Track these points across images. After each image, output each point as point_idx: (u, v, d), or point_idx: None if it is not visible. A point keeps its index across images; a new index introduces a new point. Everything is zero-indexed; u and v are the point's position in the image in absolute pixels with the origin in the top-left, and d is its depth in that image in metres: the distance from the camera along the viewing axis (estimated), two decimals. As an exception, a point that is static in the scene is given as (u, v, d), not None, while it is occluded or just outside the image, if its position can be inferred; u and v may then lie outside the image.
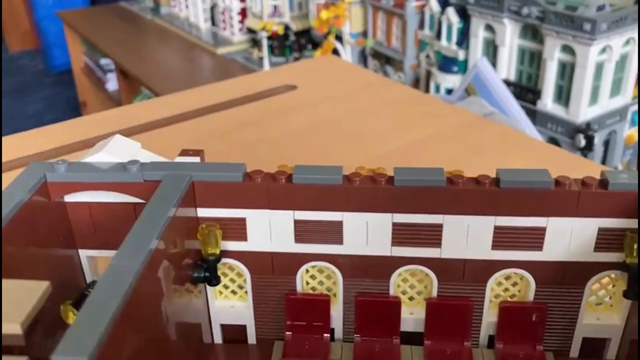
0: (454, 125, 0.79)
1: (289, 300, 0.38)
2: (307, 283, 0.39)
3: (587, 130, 1.27)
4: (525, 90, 1.35)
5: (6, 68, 3.72)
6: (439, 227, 0.36)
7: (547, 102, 1.31)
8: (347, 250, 0.37)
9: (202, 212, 0.35)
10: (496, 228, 0.36)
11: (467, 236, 0.36)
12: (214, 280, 0.35)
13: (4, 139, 0.79)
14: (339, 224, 0.36)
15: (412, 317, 0.39)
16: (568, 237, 0.36)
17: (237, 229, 0.36)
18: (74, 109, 3.07)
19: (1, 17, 3.71)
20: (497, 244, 0.36)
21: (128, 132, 0.77)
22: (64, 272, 0.36)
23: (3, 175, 0.69)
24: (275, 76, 0.97)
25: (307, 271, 0.38)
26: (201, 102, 0.87)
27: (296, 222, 0.36)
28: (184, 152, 0.38)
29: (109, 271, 0.27)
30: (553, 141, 1.30)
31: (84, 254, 0.37)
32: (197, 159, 0.37)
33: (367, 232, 0.36)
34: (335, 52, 1.60)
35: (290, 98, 0.89)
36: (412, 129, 0.78)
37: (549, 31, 1.23)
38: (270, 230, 0.36)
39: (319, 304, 0.38)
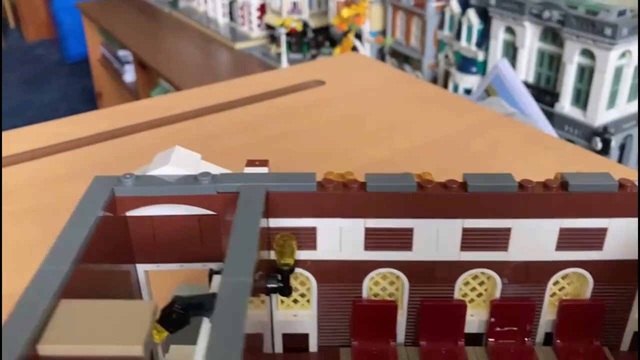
0: (479, 122, 0.79)
1: (357, 307, 0.38)
2: (370, 289, 0.39)
3: (604, 133, 1.27)
4: (544, 93, 1.35)
5: (23, 57, 3.72)
6: (507, 231, 0.37)
7: (565, 105, 1.31)
8: (416, 256, 0.37)
9: (274, 223, 0.35)
10: (562, 230, 0.37)
11: (535, 239, 0.37)
12: (286, 291, 0.35)
13: (14, 131, 0.78)
14: (410, 230, 0.36)
15: (472, 319, 0.39)
16: (626, 236, 0.37)
17: (306, 238, 0.36)
18: (89, 99, 3.07)
19: (16, 9, 3.70)
20: (561, 245, 0.37)
21: (156, 124, 0.77)
22: (123, 289, 0.35)
23: (19, 166, 0.69)
24: (303, 72, 0.97)
25: (372, 278, 0.38)
26: (230, 95, 0.87)
27: (367, 230, 0.36)
28: (251, 163, 0.38)
29: (226, 289, 0.26)
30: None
31: (141, 268, 0.37)
32: (265, 169, 0.37)
33: (437, 238, 0.36)
34: (354, 50, 1.59)
35: (320, 93, 0.89)
36: (437, 125, 0.78)
37: (570, 35, 1.23)
38: (340, 238, 0.36)
39: (386, 310, 0.38)
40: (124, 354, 0.25)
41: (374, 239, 0.37)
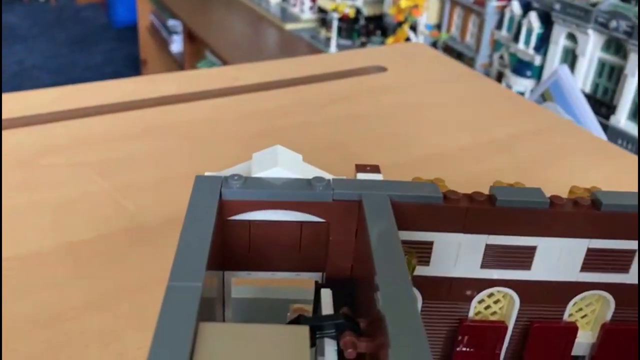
0: (543, 126, 0.75)
1: (464, 327, 0.34)
2: (475, 307, 0.35)
3: (658, 151, 1.21)
4: (599, 104, 1.29)
5: (71, 18, 3.71)
6: (631, 253, 0.33)
7: (621, 119, 1.25)
8: (533, 276, 0.33)
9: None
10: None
11: None
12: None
13: (76, 87, 0.76)
14: (532, 249, 0.32)
15: (577, 341, 0.36)
16: None
17: (421, 253, 0.32)
18: (134, 66, 3.05)
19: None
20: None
21: (225, 93, 0.74)
22: (213, 296, 0.32)
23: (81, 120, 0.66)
24: (363, 57, 0.93)
25: (480, 296, 0.34)
26: (286, 74, 0.84)
27: (487, 246, 0.32)
28: (361, 168, 0.34)
29: (394, 309, 0.22)
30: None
31: (229, 275, 0.33)
32: (380, 176, 0.33)
33: (559, 258, 0.33)
34: (407, 41, 1.54)
35: (381, 79, 0.85)
36: (500, 124, 0.74)
37: (636, 47, 1.17)
38: (457, 254, 0.32)
39: (495, 331, 0.35)
40: None
41: (493, 256, 0.33)
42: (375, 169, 0.33)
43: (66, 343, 0.41)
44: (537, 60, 1.36)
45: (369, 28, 1.83)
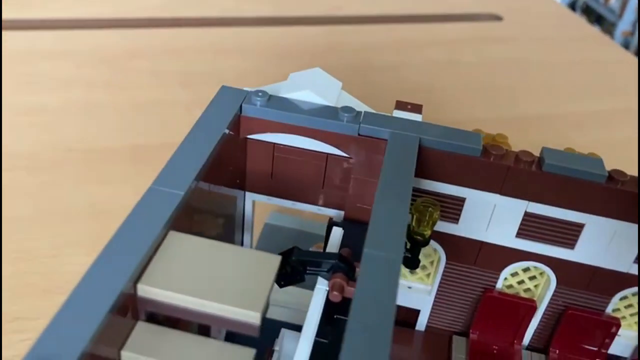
0: None
1: (488, 297, 0.31)
2: (505, 279, 0.31)
3: None
4: None
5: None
6: None
7: None
8: (577, 257, 0.29)
9: (418, 183, 0.28)
10: None
11: None
12: (413, 263, 0.28)
13: None
14: (579, 226, 0.28)
15: (618, 339, 0.31)
16: None
17: (450, 208, 0.29)
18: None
19: None
20: None
21: (323, 21, 0.72)
22: (226, 215, 0.30)
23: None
24: (481, 2, 0.86)
25: (512, 268, 0.31)
26: (389, 9, 0.79)
27: (527, 214, 0.28)
28: (401, 105, 0.31)
29: (372, 264, 0.20)
30: None
31: (251, 197, 0.31)
32: (419, 117, 0.30)
33: (610, 242, 0.28)
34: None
35: (493, 28, 0.78)
36: (615, 96, 0.66)
37: None
38: (490, 217, 0.29)
39: (522, 309, 0.31)
40: (238, 318, 0.19)
41: (531, 226, 0.29)
42: (416, 108, 0.30)
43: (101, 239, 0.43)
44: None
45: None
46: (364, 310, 0.19)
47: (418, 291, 0.32)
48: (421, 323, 0.33)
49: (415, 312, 0.33)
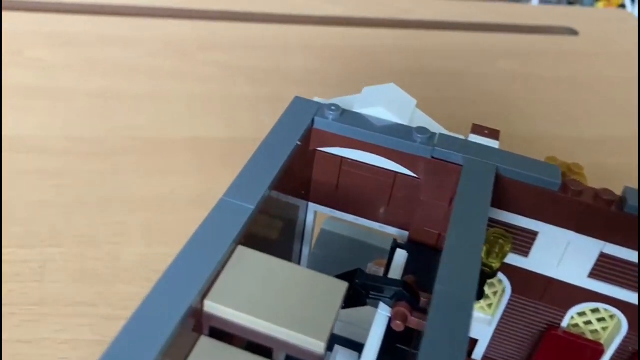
0: None
1: (551, 336, 0.30)
2: (571, 317, 0.30)
3: None
4: None
5: None
6: None
7: None
8: None
9: (491, 213, 0.27)
10: None
11: None
12: (478, 294, 0.27)
13: None
14: None
15: None
16: None
17: (521, 241, 0.28)
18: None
19: None
20: None
21: (391, 24, 0.70)
22: (287, 224, 0.30)
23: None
24: (554, 15, 0.83)
25: (581, 308, 0.29)
26: (467, 16, 0.77)
27: (602, 255, 0.27)
28: (478, 130, 0.30)
29: (445, 301, 0.19)
30: None
31: (314, 208, 0.31)
32: (496, 143, 0.29)
33: None
34: (621, 7, 1.35)
35: (568, 43, 0.75)
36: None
37: None
38: (563, 254, 0.27)
39: (588, 352, 0.30)
40: (302, 345, 0.19)
41: (606, 268, 0.27)
42: (494, 134, 0.29)
43: (161, 230, 0.43)
44: None
45: (580, -15, 1.63)
46: (435, 350, 0.18)
47: (478, 321, 0.31)
48: (478, 353, 0.32)
49: (473, 341, 0.32)
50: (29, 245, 0.41)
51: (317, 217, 0.32)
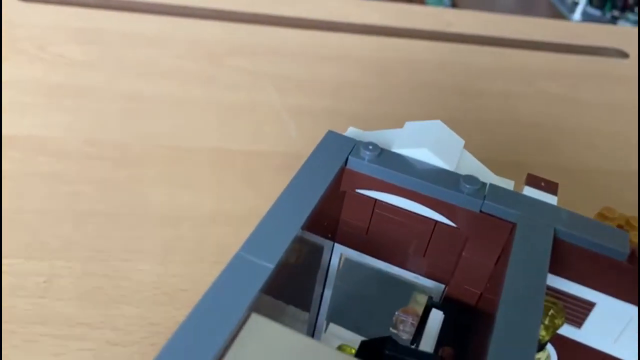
0: None
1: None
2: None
3: None
4: None
5: None
6: None
7: None
8: None
9: (547, 279, 0.24)
10: None
11: None
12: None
13: None
14: None
15: None
16: None
17: (574, 310, 0.25)
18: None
19: None
20: None
21: (430, 36, 0.67)
22: (312, 266, 0.27)
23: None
24: (603, 35, 0.78)
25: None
26: (509, 32, 0.73)
27: None
28: (533, 181, 0.26)
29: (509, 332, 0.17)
30: None
31: (340, 250, 0.28)
32: (553, 199, 0.25)
33: None
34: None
35: (617, 66, 0.71)
36: None
37: None
38: (622, 330, 0.24)
39: None
40: None
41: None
42: (551, 187, 0.25)
43: (175, 249, 0.40)
44: None
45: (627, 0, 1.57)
46: None
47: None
48: None
49: None
50: (37, 257, 0.38)
51: (343, 259, 0.29)
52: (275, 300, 0.25)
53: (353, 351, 0.22)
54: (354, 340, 0.34)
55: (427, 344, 0.24)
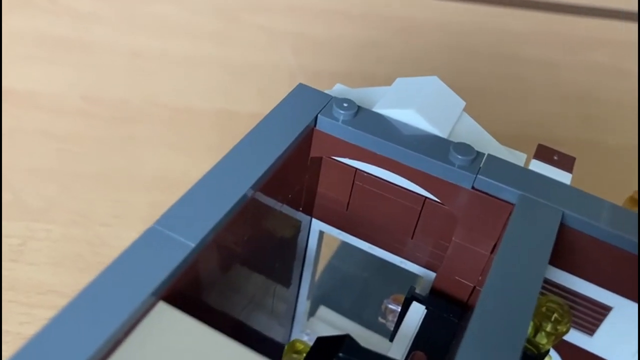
0: None
1: None
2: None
3: None
4: None
5: None
6: None
7: None
8: None
9: (550, 274, 0.19)
10: None
11: None
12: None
13: None
14: None
15: None
16: None
17: (585, 314, 0.20)
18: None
19: None
20: None
21: None
22: (285, 243, 0.23)
23: None
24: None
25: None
26: None
27: None
28: (543, 153, 0.21)
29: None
30: None
31: (318, 226, 0.24)
32: (567, 176, 0.20)
33: None
34: None
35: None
36: None
37: None
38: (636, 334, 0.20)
39: None
40: None
41: None
42: (566, 162, 0.21)
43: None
44: None
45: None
46: None
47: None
48: None
49: None
50: (15, 217, 0.36)
51: (324, 238, 0.25)
52: (258, 275, 0.21)
53: (307, 349, 0.19)
54: (342, 326, 0.31)
55: (402, 343, 0.20)
